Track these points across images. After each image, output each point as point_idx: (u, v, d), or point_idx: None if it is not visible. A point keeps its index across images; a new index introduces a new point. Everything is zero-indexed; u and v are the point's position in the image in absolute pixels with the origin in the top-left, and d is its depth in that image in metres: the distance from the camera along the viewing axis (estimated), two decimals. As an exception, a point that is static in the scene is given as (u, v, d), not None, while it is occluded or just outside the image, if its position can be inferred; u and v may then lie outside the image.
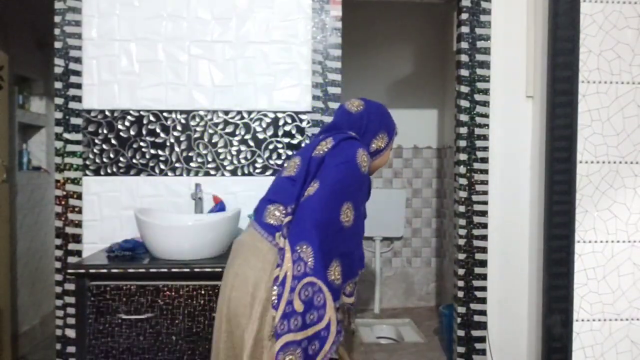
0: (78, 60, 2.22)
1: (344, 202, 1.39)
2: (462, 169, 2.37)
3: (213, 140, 2.27)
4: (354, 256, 1.45)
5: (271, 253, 1.42)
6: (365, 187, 1.50)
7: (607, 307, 2.23)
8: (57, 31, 2.21)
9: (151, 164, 2.25)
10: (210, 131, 2.27)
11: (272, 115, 2.28)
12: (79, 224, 2.23)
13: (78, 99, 2.22)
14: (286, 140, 2.28)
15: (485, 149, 2.37)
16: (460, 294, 2.38)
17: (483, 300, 2.37)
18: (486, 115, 2.36)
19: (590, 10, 2.20)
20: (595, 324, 2.23)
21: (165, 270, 1.82)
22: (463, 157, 2.37)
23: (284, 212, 1.44)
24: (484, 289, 2.38)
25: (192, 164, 2.27)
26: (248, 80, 2.27)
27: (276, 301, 1.34)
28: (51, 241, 3.06)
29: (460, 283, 2.38)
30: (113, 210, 2.24)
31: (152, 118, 2.25)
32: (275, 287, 1.35)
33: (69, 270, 1.86)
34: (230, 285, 1.45)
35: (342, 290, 1.42)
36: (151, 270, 1.82)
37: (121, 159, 2.25)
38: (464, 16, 2.35)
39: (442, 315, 2.99)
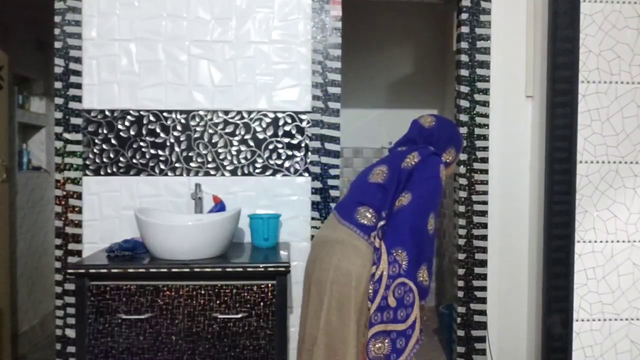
0: (78, 60, 2.22)
1: (430, 212, 1.58)
2: (462, 169, 2.37)
3: (213, 140, 2.27)
4: (432, 260, 1.64)
5: (369, 251, 1.58)
6: (441, 198, 1.70)
7: (606, 307, 2.23)
8: (57, 31, 2.21)
9: (151, 164, 2.25)
10: (210, 131, 2.27)
11: (272, 115, 2.28)
12: (79, 224, 2.23)
13: (78, 99, 2.23)
14: (286, 140, 2.28)
15: (485, 149, 2.37)
16: (460, 294, 2.38)
17: (483, 300, 2.37)
18: (486, 115, 2.36)
19: (590, 11, 2.20)
20: (595, 323, 2.23)
21: (165, 270, 1.82)
22: (463, 157, 2.37)
23: (375, 215, 1.62)
24: (484, 289, 2.38)
25: (192, 164, 2.27)
26: (248, 80, 2.27)
27: (372, 295, 1.52)
28: (51, 241, 3.07)
29: (460, 283, 2.38)
30: (113, 210, 2.24)
31: (152, 118, 2.25)
32: (371, 284, 1.53)
33: (69, 270, 1.86)
34: (331, 279, 1.58)
35: (429, 291, 1.58)
36: (151, 270, 1.82)
37: (121, 159, 2.25)
38: (464, 16, 2.35)
39: (442, 315, 2.99)
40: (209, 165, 2.27)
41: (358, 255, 1.58)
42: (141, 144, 2.25)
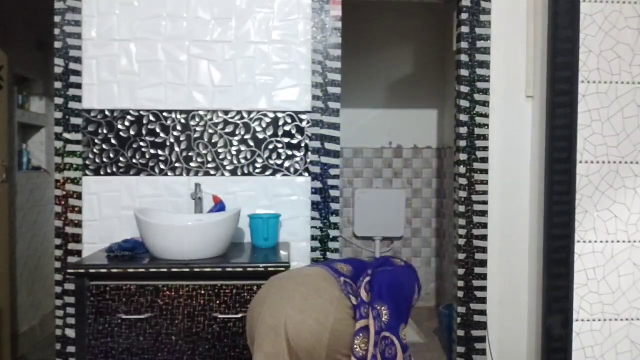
0: (78, 60, 2.22)
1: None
2: (462, 169, 2.37)
3: (213, 140, 2.27)
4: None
5: (337, 289, 1.52)
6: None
7: (607, 307, 2.23)
8: (57, 31, 2.21)
9: (151, 164, 2.25)
10: (210, 131, 2.27)
11: (272, 115, 2.28)
12: (79, 224, 2.23)
13: (78, 99, 2.22)
14: (286, 140, 2.28)
15: (485, 149, 2.37)
16: (460, 294, 2.38)
17: (483, 300, 2.37)
18: (486, 115, 2.36)
19: (590, 11, 2.20)
20: (595, 324, 2.23)
21: (165, 270, 1.81)
22: (463, 157, 2.37)
23: (351, 271, 1.62)
24: (484, 289, 2.38)
25: (192, 164, 2.27)
26: (248, 80, 2.27)
27: (360, 353, 1.46)
28: (51, 241, 3.06)
29: (460, 283, 2.38)
30: (113, 210, 2.24)
31: (152, 118, 2.25)
32: (359, 336, 1.47)
33: (69, 270, 1.87)
34: (300, 314, 1.43)
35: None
36: (151, 270, 1.82)
37: (121, 159, 2.25)
38: (464, 16, 2.35)
39: (442, 315, 2.99)
40: (209, 165, 2.27)
41: (327, 289, 1.51)
42: (141, 144, 2.25)
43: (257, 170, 2.28)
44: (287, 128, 2.28)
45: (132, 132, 2.24)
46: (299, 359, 1.41)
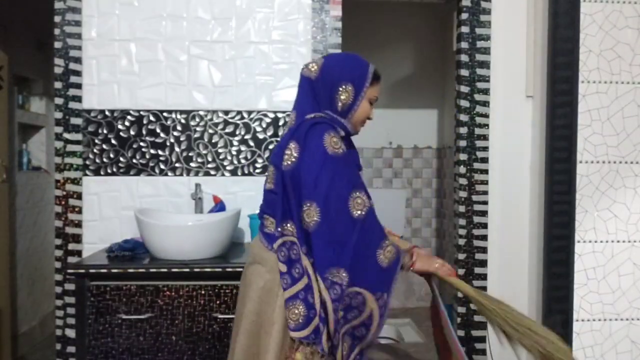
0: (78, 60, 2.22)
1: (348, 200, 1.32)
2: (462, 169, 2.37)
3: (213, 140, 2.27)
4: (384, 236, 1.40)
5: (272, 259, 1.41)
6: (352, 163, 1.43)
7: (607, 307, 2.23)
8: (57, 31, 2.21)
9: (151, 164, 2.25)
10: (210, 131, 2.27)
11: (272, 115, 2.28)
12: (79, 224, 2.23)
13: (78, 99, 2.22)
14: (286, 140, 2.28)
15: (485, 149, 2.37)
16: (461, 293, 2.37)
17: (483, 300, 2.37)
18: (486, 115, 2.36)
19: (590, 10, 2.20)
20: (595, 324, 2.23)
21: (165, 270, 1.81)
22: (463, 157, 2.37)
23: (274, 222, 1.43)
24: (484, 289, 2.37)
25: (192, 164, 2.27)
26: (248, 80, 2.27)
27: (293, 322, 1.35)
28: (51, 241, 3.06)
29: (460, 283, 2.37)
30: (113, 210, 2.24)
31: (152, 118, 2.25)
32: (313, 313, 1.35)
33: (69, 270, 1.86)
34: (255, 298, 1.42)
35: (399, 259, 1.39)
36: (151, 270, 1.82)
37: (121, 159, 2.25)
38: (464, 16, 2.35)
39: (442, 315, 2.98)
40: (209, 165, 2.27)
41: (264, 266, 1.42)
42: (141, 144, 2.25)
43: (257, 170, 2.28)
44: (287, 128, 2.28)
45: (132, 132, 2.24)
46: (261, 336, 1.41)
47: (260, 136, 2.28)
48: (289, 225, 1.38)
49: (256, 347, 1.41)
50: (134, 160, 2.25)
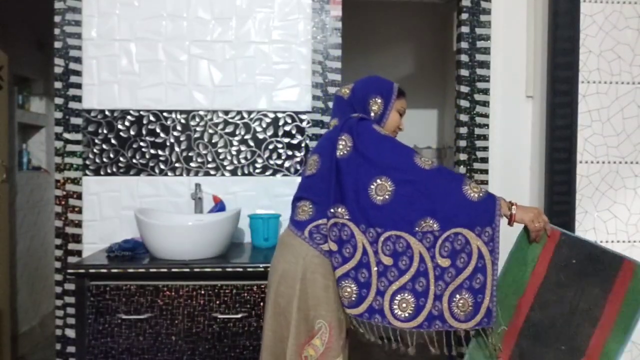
0: (78, 60, 2.22)
1: (414, 157, 1.45)
2: (462, 169, 2.37)
3: (213, 140, 2.27)
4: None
5: (302, 247, 1.50)
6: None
7: (607, 307, 2.23)
8: (57, 31, 2.21)
9: (151, 164, 2.25)
10: (210, 131, 2.27)
11: (272, 115, 2.28)
12: (79, 224, 2.23)
13: (78, 99, 2.22)
14: (286, 140, 2.28)
15: (485, 149, 2.37)
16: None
17: (483, 301, 2.37)
18: (486, 115, 2.36)
19: (590, 11, 2.20)
20: (595, 324, 2.23)
21: (165, 270, 1.81)
22: (463, 157, 2.37)
23: (311, 207, 1.53)
24: (484, 289, 2.37)
25: (192, 164, 2.27)
26: (248, 80, 2.27)
27: (349, 299, 1.45)
28: (51, 241, 3.07)
29: (460, 283, 2.37)
30: (113, 210, 2.24)
31: (152, 118, 2.25)
32: (343, 283, 1.44)
33: (69, 270, 1.86)
34: (277, 282, 1.52)
35: (494, 198, 1.49)
36: (151, 270, 1.82)
37: (121, 159, 2.25)
38: (464, 16, 2.35)
39: (442, 316, 2.98)
40: (209, 165, 2.27)
41: (291, 253, 1.51)
42: (141, 144, 2.25)
43: (257, 170, 2.28)
44: (287, 128, 2.28)
45: (132, 132, 2.24)
46: (281, 321, 1.50)
47: (260, 136, 2.28)
48: (340, 209, 1.45)
49: (281, 329, 1.50)
50: (134, 160, 2.25)
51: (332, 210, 1.46)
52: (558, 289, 1.37)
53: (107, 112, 2.24)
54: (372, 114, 1.59)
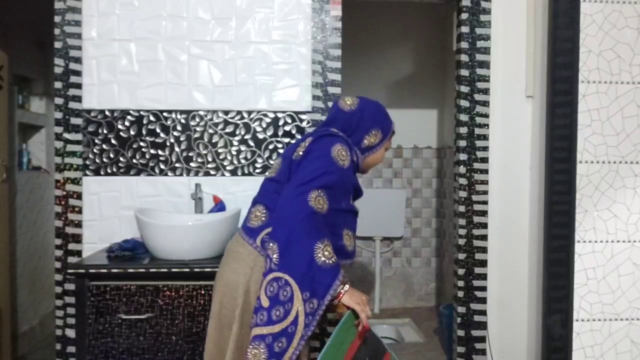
0: (78, 60, 2.22)
1: (312, 189, 1.38)
2: (462, 169, 2.37)
3: (213, 140, 2.27)
4: (334, 245, 1.42)
5: (250, 256, 1.46)
6: (345, 181, 1.48)
7: (607, 307, 2.23)
8: (57, 31, 2.21)
9: (151, 164, 2.25)
10: (210, 131, 2.27)
11: (272, 115, 2.28)
12: (79, 224, 2.23)
13: (78, 99, 2.22)
14: (286, 140, 2.28)
15: (485, 149, 2.37)
16: (460, 293, 2.38)
17: (483, 300, 2.37)
18: (486, 115, 2.36)
19: (590, 10, 2.20)
20: (595, 324, 2.23)
21: (165, 270, 1.82)
22: (463, 157, 2.37)
23: (264, 212, 1.49)
24: (484, 288, 2.38)
25: (192, 164, 2.27)
26: (248, 80, 2.27)
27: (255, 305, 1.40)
28: (51, 241, 3.06)
29: (460, 283, 2.38)
30: (113, 210, 2.24)
31: (152, 118, 2.25)
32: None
33: (69, 270, 1.87)
34: (222, 292, 1.49)
35: (338, 271, 1.37)
36: (151, 270, 1.82)
37: (121, 159, 2.25)
38: (464, 16, 2.35)
39: (442, 315, 2.98)
40: (209, 165, 2.27)
41: (239, 262, 1.46)
42: (141, 144, 2.25)
43: (257, 170, 2.28)
44: (287, 128, 2.28)
45: (132, 132, 2.24)
46: (225, 334, 1.46)
47: (260, 136, 2.28)
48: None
49: (224, 342, 1.46)
50: (134, 160, 2.25)
51: (268, 247, 1.39)
52: None
53: (107, 112, 2.24)
54: (366, 143, 1.60)
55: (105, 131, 2.24)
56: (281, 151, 2.27)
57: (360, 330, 1.37)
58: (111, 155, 2.24)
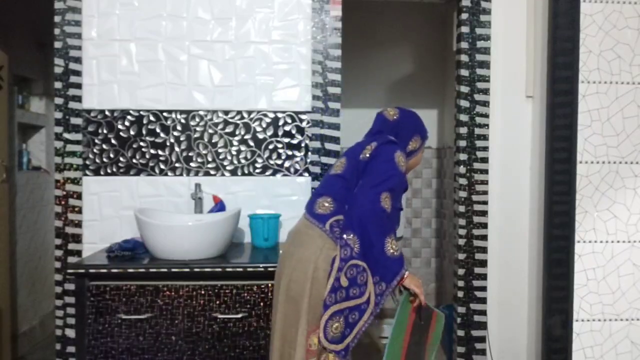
0: (78, 60, 2.22)
1: (383, 191, 1.60)
2: (462, 169, 2.37)
3: (213, 140, 2.27)
4: (395, 232, 1.67)
5: (321, 238, 1.62)
6: (403, 183, 1.72)
7: (607, 307, 2.23)
8: (57, 31, 2.21)
9: (151, 164, 2.25)
10: (210, 131, 2.27)
11: (272, 115, 2.28)
12: (79, 224, 2.23)
13: (78, 99, 2.22)
14: (286, 140, 2.28)
15: (485, 149, 2.37)
16: (460, 294, 2.38)
17: (483, 300, 2.37)
18: (486, 115, 2.36)
19: (590, 11, 2.20)
20: (595, 324, 2.23)
21: (165, 270, 1.81)
22: (463, 157, 2.37)
23: (332, 203, 1.67)
24: (484, 289, 2.38)
25: (192, 164, 2.27)
26: (248, 80, 2.27)
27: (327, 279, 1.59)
28: (51, 241, 3.06)
29: (460, 283, 2.38)
30: (113, 210, 2.24)
31: (152, 118, 2.25)
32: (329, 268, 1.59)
33: (69, 270, 1.87)
34: (292, 267, 1.63)
35: (400, 260, 1.61)
36: (151, 270, 1.82)
37: (121, 159, 2.25)
38: (464, 16, 2.35)
39: (442, 316, 2.98)
40: (209, 165, 2.27)
41: (310, 242, 1.63)
42: (141, 144, 2.25)
43: (257, 170, 2.28)
44: (287, 128, 2.28)
45: (132, 132, 2.24)
46: (292, 306, 1.62)
47: (260, 136, 2.28)
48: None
49: (292, 314, 1.60)
50: (134, 160, 2.25)
51: (344, 237, 1.60)
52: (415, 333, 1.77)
53: (107, 112, 2.24)
54: (409, 148, 1.82)
55: (105, 131, 2.24)
56: (281, 151, 2.27)
57: (416, 305, 1.67)
58: (111, 155, 2.24)
